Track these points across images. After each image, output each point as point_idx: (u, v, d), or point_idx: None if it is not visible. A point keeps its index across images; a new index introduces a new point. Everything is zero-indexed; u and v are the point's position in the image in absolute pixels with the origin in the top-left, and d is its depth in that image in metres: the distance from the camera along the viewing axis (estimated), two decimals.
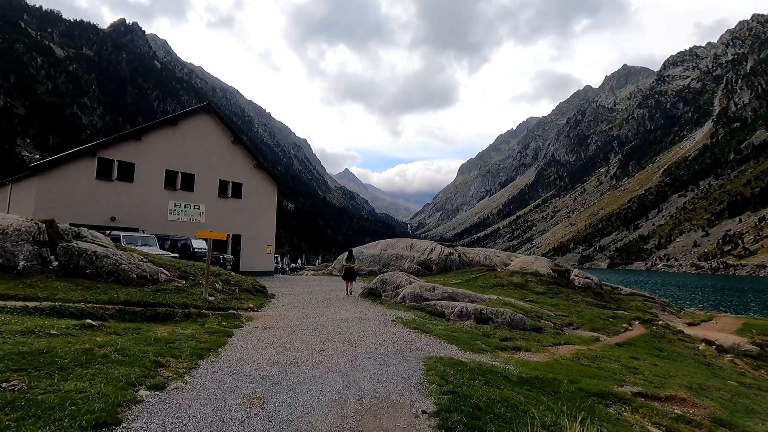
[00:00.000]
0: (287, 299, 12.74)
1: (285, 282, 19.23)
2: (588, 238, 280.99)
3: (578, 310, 15.38)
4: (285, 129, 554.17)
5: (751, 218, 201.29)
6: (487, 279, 19.13)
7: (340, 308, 11.51)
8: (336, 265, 29.08)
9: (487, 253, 25.00)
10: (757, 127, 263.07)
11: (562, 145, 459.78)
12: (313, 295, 14.09)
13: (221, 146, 24.15)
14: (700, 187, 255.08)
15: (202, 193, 22.83)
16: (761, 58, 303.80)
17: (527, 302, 14.96)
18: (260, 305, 10.99)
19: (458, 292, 12.85)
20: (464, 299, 12.58)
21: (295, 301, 12.34)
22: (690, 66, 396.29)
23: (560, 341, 10.58)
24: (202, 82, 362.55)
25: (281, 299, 12.66)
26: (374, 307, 12.02)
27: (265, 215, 26.25)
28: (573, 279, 19.45)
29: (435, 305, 11.70)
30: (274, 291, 14.37)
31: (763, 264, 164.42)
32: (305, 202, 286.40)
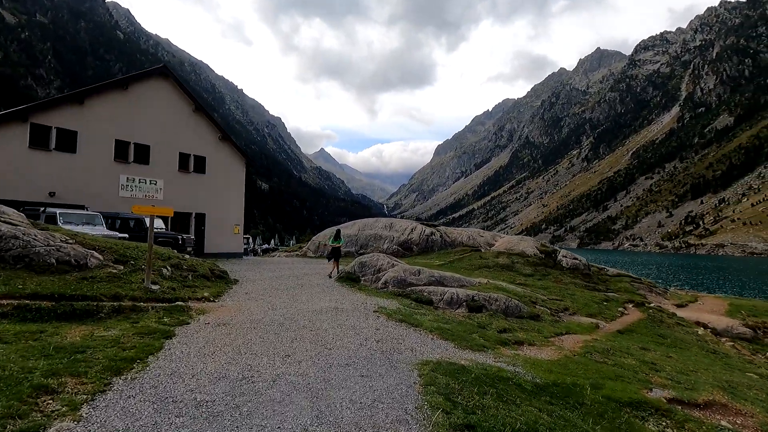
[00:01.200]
0: (252, 285, 11.09)
1: (254, 265, 17.48)
2: (559, 218, 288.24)
3: (570, 293, 14.41)
4: (258, 106, 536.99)
5: (712, 200, 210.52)
6: (472, 260, 17.98)
7: (314, 296, 9.97)
8: (311, 246, 27.42)
9: (471, 233, 23.86)
10: (720, 112, 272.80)
11: (537, 127, 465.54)
12: (283, 280, 12.47)
13: (181, 115, 21.72)
14: (665, 169, 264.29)
15: (159, 166, 20.52)
16: (727, 45, 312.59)
17: (517, 285, 13.84)
18: (218, 294, 9.32)
19: (446, 276, 11.53)
20: (453, 284, 11.27)
21: (260, 288, 10.70)
22: (660, 51, 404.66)
23: (561, 330, 9.44)
24: (170, 55, 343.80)
25: (245, 286, 10.99)
26: (353, 294, 10.54)
27: (232, 192, 24.14)
28: (561, 260, 18.56)
29: (421, 291, 10.32)
30: (238, 276, 12.66)
31: (721, 243, 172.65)
32: (280, 181, 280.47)
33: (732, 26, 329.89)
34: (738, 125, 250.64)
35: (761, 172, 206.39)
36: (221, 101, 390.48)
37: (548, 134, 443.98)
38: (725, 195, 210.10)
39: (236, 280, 11.60)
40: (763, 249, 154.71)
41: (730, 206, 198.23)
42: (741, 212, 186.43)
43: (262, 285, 11.24)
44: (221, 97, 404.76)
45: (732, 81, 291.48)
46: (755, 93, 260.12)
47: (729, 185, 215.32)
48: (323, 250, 25.63)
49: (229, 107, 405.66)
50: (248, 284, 11.23)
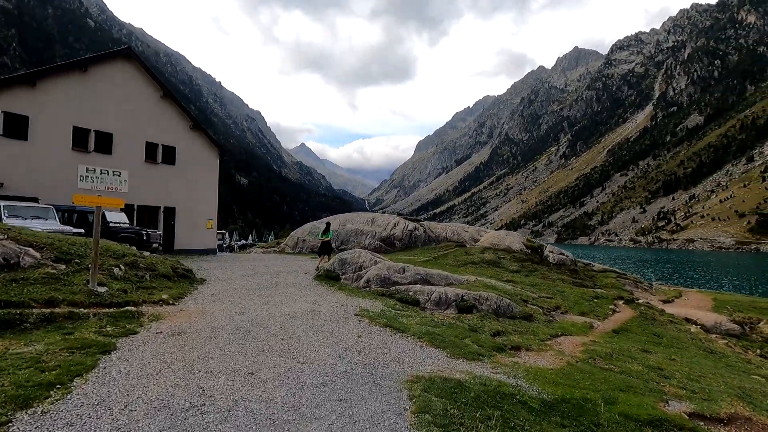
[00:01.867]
0: (220, 285, 10.04)
1: (226, 262, 16.33)
2: (538, 214, 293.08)
3: (560, 290, 13.87)
4: (237, 100, 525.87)
5: (683, 196, 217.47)
6: (458, 256, 17.30)
7: (288, 296, 9.02)
8: (289, 241, 26.30)
9: (455, 228, 23.18)
10: (691, 111, 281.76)
11: (516, 124, 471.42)
12: (256, 278, 11.45)
13: (148, 102, 20.22)
14: (639, 166, 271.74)
15: (123, 156, 19.04)
16: (698, 46, 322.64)
17: (506, 282, 13.19)
18: (179, 296, 8.27)
19: (432, 274, 10.73)
20: (440, 282, 10.50)
21: (229, 288, 9.67)
22: (635, 51, 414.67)
23: (556, 331, 8.78)
24: (144, 45, 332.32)
25: (212, 285, 9.94)
26: (332, 294, 9.62)
27: (205, 185, 22.79)
28: (547, 255, 18.08)
29: (407, 291, 9.50)
30: (206, 274, 11.57)
31: (692, 238, 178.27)
32: (259, 176, 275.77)
33: (702, 28, 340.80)
34: (708, 124, 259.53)
35: (729, 169, 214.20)
36: (198, 94, 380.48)
37: (527, 131, 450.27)
38: (695, 192, 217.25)
39: (203, 280, 10.53)
40: (730, 244, 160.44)
41: (700, 202, 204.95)
42: (710, 208, 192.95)
43: (232, 284, 10.21)
44: (198, 90, 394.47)
45: (702, 81, 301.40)
46: (724, 93, 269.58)
47: (699, 182, 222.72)
48: (302, 246, 24.58)
49: (206, 100, 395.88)
50: (216, 284, 10.18)
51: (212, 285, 9.95)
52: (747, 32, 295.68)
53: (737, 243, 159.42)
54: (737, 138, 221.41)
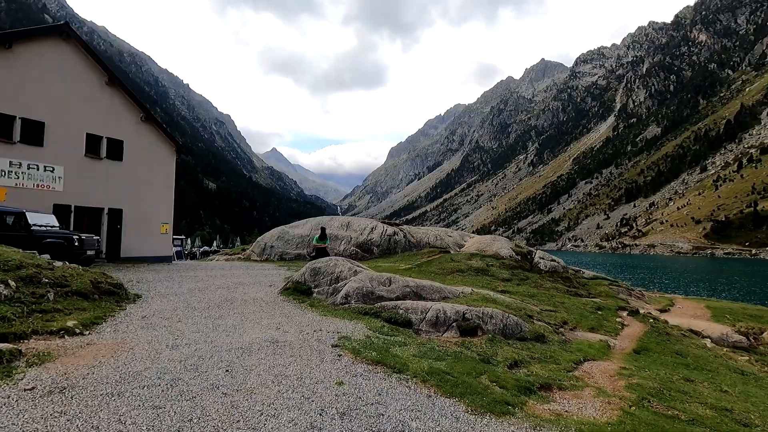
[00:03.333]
0: (159, 303, 7.89)
1: (179, 272, 14.00)
2: (508, 220, 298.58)
3: (560, 301, 12.44)
4: (206, 103, 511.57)
5: (644, 203, 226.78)
6: (443, 263, 15.68)
7: (246, 318, 7.02)
8: (255, 248, 23.95)
9: (437, 233, 21.55)
10: (649, 123, 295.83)
11: (486, 132, 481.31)
12: (209, 292, 9.33)
13: (90, 88, 17.62)
14: (603, 174, 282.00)
15: (58, 149, 16.36)
16: (655, 62, 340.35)
17: (500, 293, 11.63)
18: (95, 321, 6.13)
19: (424, 286, 8.97)
20: (433, 295, 8.77)
21: (169, 308, 7.55)
22: (598, 64, 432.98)
23: (576, 356, 7.22)
24: (107, 44, 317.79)
25: (147, 304, 7.78)
26: (302, 313, 7.68)
27: (158, 185, 20.25)
28: (538, 262, 16.74)
29: (396, 308, 7.69)
30: (146, 289, 9.35)
31: (652, 244, 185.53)
32: (229, 181, 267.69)
33: (659, 45, 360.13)
34: (665, 135, 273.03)
35: (685, 178, 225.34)
36: (164, 95, 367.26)
37: (497, 139, 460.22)
38: (655, 199, 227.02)
39: (137, 296, 8.33)
40: (688, 249, 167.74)
41: (659, 209, 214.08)
42: (668, 215, 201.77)
43: (175, 302, 8.08)
44: (165, 91, 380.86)
45: (659, 95, 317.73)
46: (679, 107, 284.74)
47: (658, 190, 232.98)
48: (270, 253, 22.35)
49: (173, 102, 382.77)
50: (154, 302, 8.02)
51: (148, 303, 7.79)
52: (699, 50, 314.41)
53: (694, 248, 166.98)
54: (692, 148, 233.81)
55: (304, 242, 21.04)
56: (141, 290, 9.10)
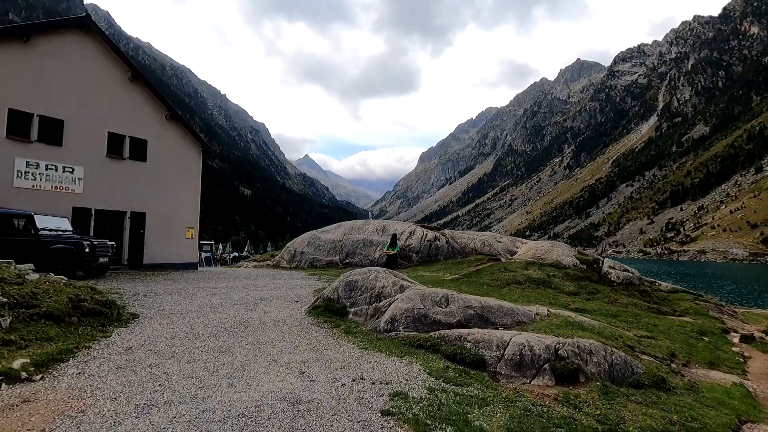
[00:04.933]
0: (153, 328, 6.20)
1: (197, 282, 12.52)
2: (543, 225, 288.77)
3: (650, 323, 10.01)
4: (242, 112, 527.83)
5: (691, 207, 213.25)
6: (495, 273, 13.48)
7: (259, 354, 5.19)
8: (285, 254, 22.48)
9: (485, 238, 19.17)
10: (696, 122, 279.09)
11: (519, 135, 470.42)
12: (221, 311, 7.63)
13: (112, 84, 16.68)
14: (645, 177, 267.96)
15: (78, 149, 15.41)
16: (701, 57, 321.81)
17: (574, 311, 9.35)
18: (58, 357, 4.49)
19: (490, 306, 6.88)
20: (503, 318, 6.69)
21: (166, 335, 5.84)
22: (638, 62, 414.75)
23: (729, 418, 4.97)
24: (150, 59, 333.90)
25: (141, 329, 6.11)
26: (335, 345, 5.78)
27: (184, 187, 19.12)
28: (608, 272, 14.21)
29: (461, 340, 5.67)
30: (148, 305, 7.77)
31: (703, 250, 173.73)
32: (263, 187, 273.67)
33: (705, 39, 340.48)
34: (713, 135, 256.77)
35: (737, 179, 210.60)
36: (203, 106, 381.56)
37: (531, 142, 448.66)
38: (704, 202, 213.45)
39: (134, 316, 6.72)
40: (744, 255, 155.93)
41: (709, 213, 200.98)
42: (720, 219, 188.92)
43: (176, 325, 6.39)
44: (203, 102, 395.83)
45: (707, 92, 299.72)
46: (729, 104, 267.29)
47: (707, 193, 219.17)
48: (300, 260, 20.81)
49: (211, 112, 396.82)
50: (151, 325, 6.36)
51: (141, 327, 6.13)
52: (751, 43, 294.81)
53: (751, 254, 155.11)
54: (744, 148, 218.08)
55: (336, 248, 19.33)
56: (143, 307, 7.52)
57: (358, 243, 19.28)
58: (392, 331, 6.23)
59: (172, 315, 7.01)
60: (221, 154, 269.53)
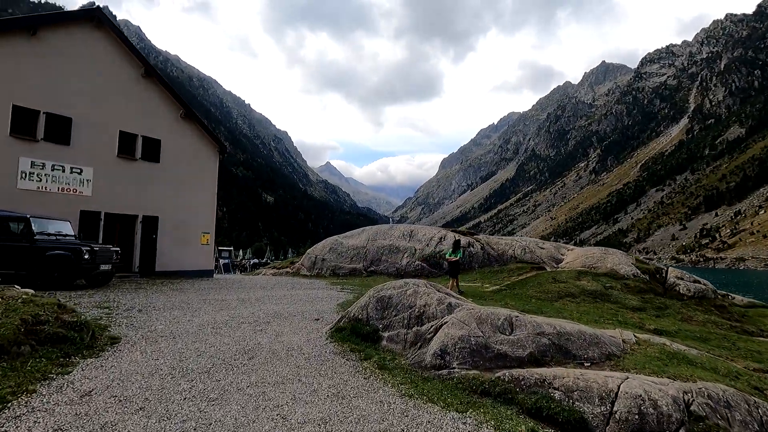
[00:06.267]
0: (134, 359, 4.77)
1: (206, 293, 11.21)
2: (568, 231, 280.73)
3: (750, 348, 8.05)
4: (265, 120, 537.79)
5: (727, 212, 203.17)
6: (543, 284, 11.70)
7: (261, 405, 3.69)
8: (305, 261, 21.17)
9: (525, 244, 17.17)
10: (731, 123, 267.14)
11: (543, 140, 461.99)
12: (224, 333, 6.18)
13: (124, 81, 15.79)
14: (676, 181, 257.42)
15: (87, 149, 14.50)
16: (735, 57, 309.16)
17: (653, 333, 7.52)
18: None
19: (568, 333, 5.18)
20: (588, 350, 5.01)
21: (144, 370, 4.41)
22: (666, 63, 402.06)
23: None
24: (178, 71, 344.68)
25: (115, 361, 4.69)
26: (366, 390, 4.21)
27: (199, 189, 18.08)
28: (675, 283, 12.20)
29: (545, 385, 4.04)
30: (139, 323, 6.42)
31: (742, 257, 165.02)
32: (285, 194, 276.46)
33: (739, 38, 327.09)
34: (750, 136, 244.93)
35: None
36: (228, 115, 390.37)
37: (554, 147, 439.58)
38: (741, 207, 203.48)
39: (114, 340, 5.35)
40: None
41: (747, 218, 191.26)
42: (760, 224, 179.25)
43: (162, 355, 4.95)
44: (228, 112, 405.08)
45: (741, 92, 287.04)
46: (766, 104, 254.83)
47: (744, 197, 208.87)
48: (321, 267, 19.43)
49: (236, 121, 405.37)
50: (130, 354, 4.95)
51: (115, 359, 4.72)
52: None
53: None
54: None
55: (359, 255, 17.85)
56: (131, 326, 6.17)
57: (383, 249, 17.72)
58: (443, 367, 4.65)
59: (162, 339, 5.62)
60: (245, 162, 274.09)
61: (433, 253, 16.86)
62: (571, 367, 4.68)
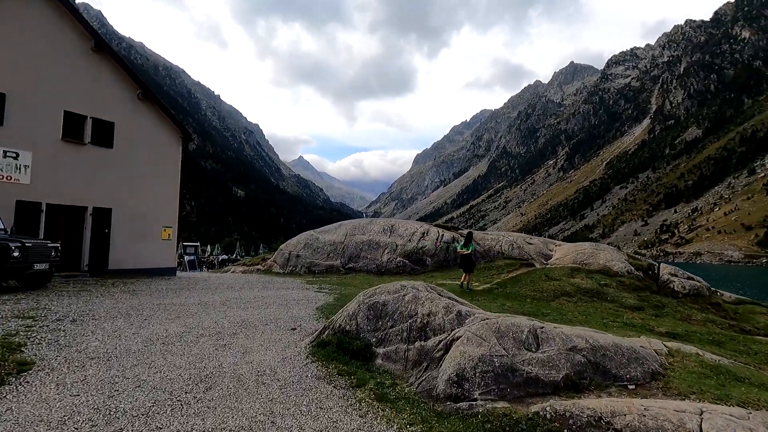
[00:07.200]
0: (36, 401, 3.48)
1: (162, 296, 9.78)
2: (538, 227, 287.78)
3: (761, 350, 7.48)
4: (235, 113, 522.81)
5: (685, 209, 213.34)
6: (536, 283, 10.94)
7: None
8: (278, 257, 19.77)
9: (512, 240, 16.36)
10: (689, 124, 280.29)
11: (514, 137, 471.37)
12: (176, 352, 4.92)
13: (69, 53, 13.89)
14: (639, 179, 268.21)
15: (24, 130, 12.63)
16: (693, 61, 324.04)
17: (663, 336, 6.82)
18: None
19: (604, 347, 4.28)
20: (630, 368, 4.12)
21: (52, 420, 3.16)
22: (631, 65, 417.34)
23: None
24: (143, 59, 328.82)
25: (12, 405, 3.41)
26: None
27: (160, 179, 16.35)
28: (669, 280, 11.72)
29: (597, 424, 3.08)
30: (67, 340, 5.09)
31: (698, 252, 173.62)
32: (257, 188, 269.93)
33: (697, 43, 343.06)
34: (706, 137, 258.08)
35: (731, 182, 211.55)
36: (197, 107, 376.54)
37: (525, 144, 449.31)
38: (698, 204, 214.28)
39: (21, 368, 4.03)
40: (739, 257, 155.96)
41: (704, 215, 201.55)
42: (714, 221, 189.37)
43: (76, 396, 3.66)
44: (197, 103, 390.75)
45: (699, 95, 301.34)
46: (721, 107, 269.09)
47: (701, 195, 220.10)
48: (296, 264, 18.13)
49: (205, 113, 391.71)
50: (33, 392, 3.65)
51: (12, 401, 3.43)
52: (742, 47, 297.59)
53: (746, 256, 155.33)
54: (737, 150, 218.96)
55: (337, 251, 16.66)
56: (55, 343, 4.83)
57: (362, 245, 16.58)
58: (462, 398, 3.62)
59: (92, 362, 4.33)
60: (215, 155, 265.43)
61: (415, 249, 15.88)
62: (614, 390, 3.77)
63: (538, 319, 5.00)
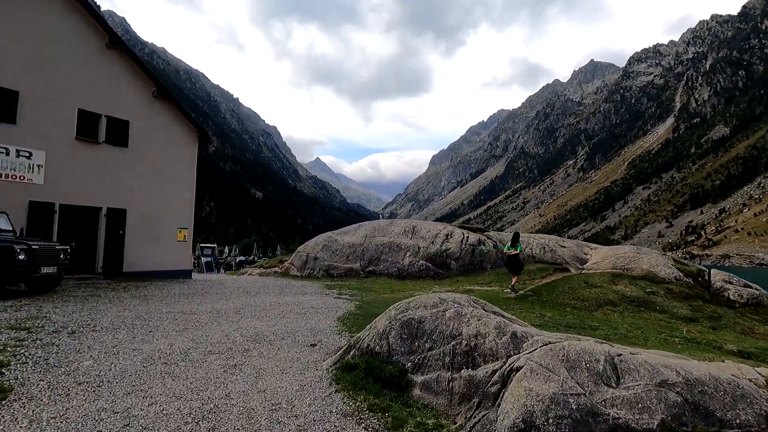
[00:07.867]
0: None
1: (173, 303, 9.21)
2: (557, 228, 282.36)
3: None
4: (254, 115, 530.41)
5: (712, 210, 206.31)
6: (575, 290, 9.99)
7: None
8: (295, 259, 19.18)
9: (544, 242, 15.29)
10: (715, 122, 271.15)
11: (532, 137, 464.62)
12: (177, 376, 4.26)
13: (84, 51, 13.59)
14: (663, 179, 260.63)
15: (38, 129, 12.32)
16: (720, 57, 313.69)
17: (735, 356, 5.82)
18: None
19: (697, 378, 3.45)
20: (737, 408, 3.30)
21: None
22: (653, 63, 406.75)
23: None
24: (165, 64, 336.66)
25: None
26: None
27: (175, 179, 15.96)
28: (722, 287, 10.59)
29: None
30: (58, 358, 4.49)
31: (727, 254, 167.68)
32: (275, 190, 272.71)
33: (724, 39, 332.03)
34: (734, 135, 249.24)
35: (761, 182, 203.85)
36: (216, 110, 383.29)
37: (543, 144, 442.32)
38: (725, 205, 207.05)
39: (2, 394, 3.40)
40: None
41: (732, 216, 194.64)
42: (744, 222, 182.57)
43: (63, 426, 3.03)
44: (216, 106, 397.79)
45: (726, 92, 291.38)
46: (750, 104, 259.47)
47: (729, 195, 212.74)
48: (313, 267, 17.49)
49: (224, 116, 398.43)
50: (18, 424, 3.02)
51: None
52: None
53: None
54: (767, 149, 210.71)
55: (356, 253, 15.94)
56: (44, 362, 4.22)
57: (383, 247, 15.81)
58: None
59: (77, 389, 3.68)
60: (234, 157, 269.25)
61: (439, 252, 14.99)
62: None
63: (608, 342, 4.13)
